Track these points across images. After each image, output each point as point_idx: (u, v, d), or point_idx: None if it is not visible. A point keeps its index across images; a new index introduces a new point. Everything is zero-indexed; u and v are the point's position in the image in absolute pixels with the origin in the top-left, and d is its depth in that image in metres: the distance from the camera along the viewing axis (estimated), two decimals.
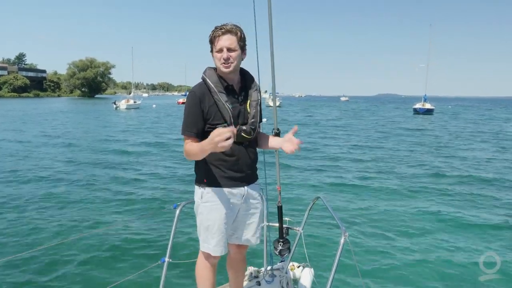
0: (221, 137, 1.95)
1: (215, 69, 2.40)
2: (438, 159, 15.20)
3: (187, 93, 2.51)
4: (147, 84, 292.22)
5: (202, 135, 2.30)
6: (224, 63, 2.29)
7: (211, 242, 2.43)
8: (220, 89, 2.32)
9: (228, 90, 2.35)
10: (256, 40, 2.70)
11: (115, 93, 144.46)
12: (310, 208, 3.34)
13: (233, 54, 2.28)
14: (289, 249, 3.22)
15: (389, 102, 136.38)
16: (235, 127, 2.31)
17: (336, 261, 2.26)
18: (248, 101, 2.42)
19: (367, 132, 26.55)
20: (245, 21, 2.45)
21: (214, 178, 2.39)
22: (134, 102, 61.24)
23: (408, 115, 48.67)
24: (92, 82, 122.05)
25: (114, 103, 57.10)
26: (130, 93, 74.55)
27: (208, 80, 2.33)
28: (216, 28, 2.31)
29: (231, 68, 2.30)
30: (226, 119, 2.30)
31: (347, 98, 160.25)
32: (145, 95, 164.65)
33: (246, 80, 2.46)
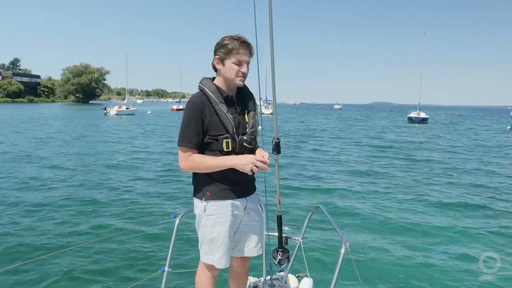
0: (265, 160, 2.23)
1: (211, 79, 2.40)
2: (440, 168, 15.25)
3: (181, 100, 2.51)
4: (142, 91, 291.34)
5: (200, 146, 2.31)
6: (242, 77, 2.33)
7: (216, 255, 2.41)
8: (220, 99, 2.31)
9: (228, 100, 2.34)
10: (257, 47, 2.69)
11: (110, 99, 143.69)
12: (310, 217, 3.34)
13: (248, 68, 2.34)
14: (288, 258, 3.19)
15: (382, 110, 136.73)
16: (237, 137, 2.32)
17: (337, 271, 2.25)
18: (246, 110, 2.43)
19: (365, 141, 26.43)
20: (244, 28, 2.47)
21: (217, 191, 2.37)
22: (127, 108, 60.56)
23: (403, 125, 48.67)
24: (87, 88, 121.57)
25: (105, 109, 56.23)
26: (124, 99, 74.08)
27: (207, 90, 2.31)
28: (234, 37, 2.28)
29: (244, 82, 2.37)
30: (228, 130, 2.29)
31: (340, 106, 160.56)
32: (139, 101, 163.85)
33: (242, 90, 2.46)
